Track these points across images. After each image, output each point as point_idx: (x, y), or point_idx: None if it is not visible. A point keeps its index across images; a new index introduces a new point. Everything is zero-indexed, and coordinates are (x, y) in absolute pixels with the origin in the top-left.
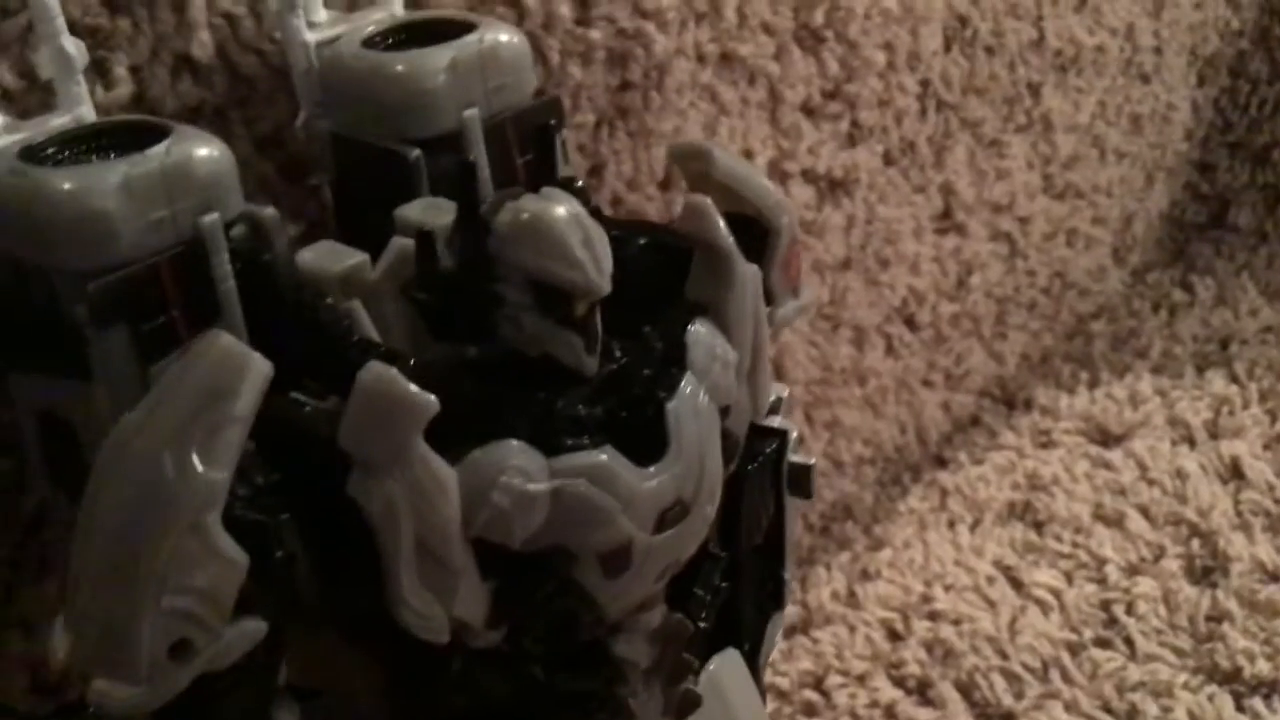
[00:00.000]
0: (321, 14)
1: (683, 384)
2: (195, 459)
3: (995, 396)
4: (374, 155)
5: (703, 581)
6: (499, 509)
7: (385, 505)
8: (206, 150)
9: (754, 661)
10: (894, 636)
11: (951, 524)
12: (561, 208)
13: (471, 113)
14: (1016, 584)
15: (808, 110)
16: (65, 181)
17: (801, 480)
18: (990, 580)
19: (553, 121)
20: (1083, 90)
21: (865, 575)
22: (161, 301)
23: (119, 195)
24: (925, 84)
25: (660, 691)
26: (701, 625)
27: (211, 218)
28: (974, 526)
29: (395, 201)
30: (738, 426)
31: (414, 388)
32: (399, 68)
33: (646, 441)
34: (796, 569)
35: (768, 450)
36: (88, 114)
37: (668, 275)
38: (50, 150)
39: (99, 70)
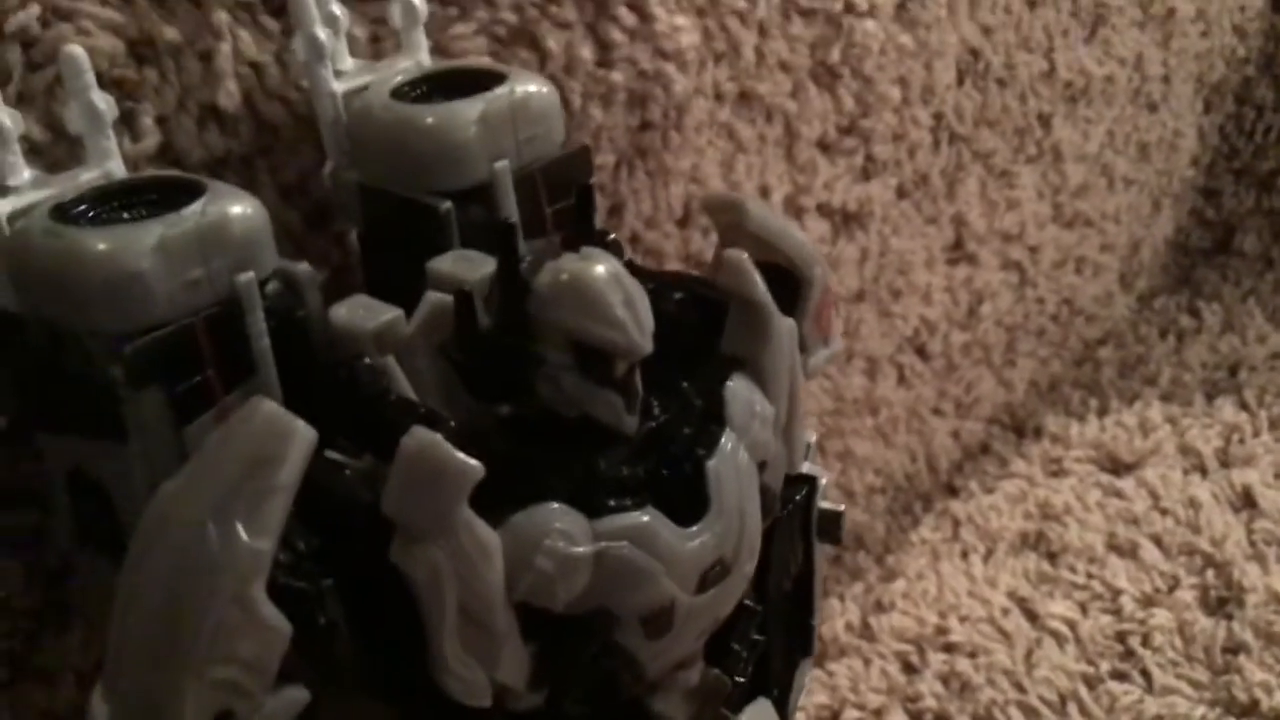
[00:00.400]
0: (348, 62)
1: (722, 441)
2: (240, 529)
3: (1005, 424)
4: (403, 207)
5: (739, 636)
6: (543, 573)
7: (429, 573)
8: (241, 208)
9: (783, 709)
10: (909, 669)
11: (964, 554)
12: (602, 267)
13: (502, 165)
14: (1031, 615)
15: (823, 146)
16: (100, 243)
17: (831, 527)
18: (1005, 612)
19: (585, 173)
20: (1092, 120)
21: (879, 607)
22: (196, 361)
23: (154, 256)
24: (938, 117)
25: None
26: (738, 681)
27: (247, 276)
28: (987, 557)
29: (425, 253)
30: (774, 481)
31: (459, 454)
32: (429, 120)
33: (687, 500)
34: None
35: (797, 497)
36: (117, 168)
37: (703, 329)
38: (83, 208)
39: (126, 121)
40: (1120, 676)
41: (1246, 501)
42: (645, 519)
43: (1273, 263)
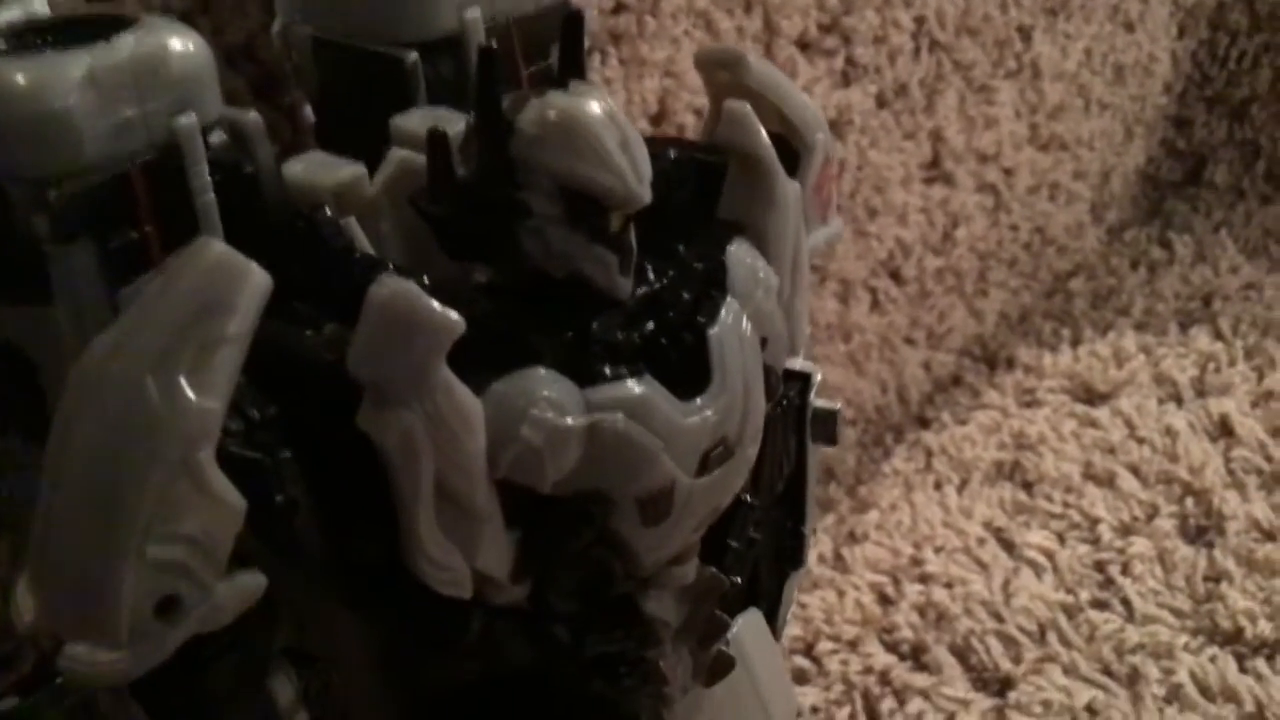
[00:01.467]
0: None
1: (724, 309)
2: (184, 384)
3: (975, 356)
4: (364, 61)
5: (736, 533)
6: (529, 445)
7: (402, 438)
8: (181, 42)
9: (772, 623)
10: (884, 600)
11: (938, 485)
12: (595, 104)
13: (474, 13)
14: (1008, 545)
15: (803, 44)
16: (19, 74)
17: (826, 427)
18: (981, 542)
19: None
20: (1071, 36)
21: (852, 538)
22: (132, 215)
23: (82, 91)
24: (920, 21)
25: (689, 654)
26: (735, 581)
27: (188, 119)
28: (961, 487)
29: (388, 112)
30: (776, 360)
31: (436, 304)
32: None
33: (686, 372)
34: None
35: (790, 394)
36: (40, 7)
37: (698, 192)
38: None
39: None
40: (1100, 605)
41: (1224, 430)
42: (643, 389)
43: (1244, 194)
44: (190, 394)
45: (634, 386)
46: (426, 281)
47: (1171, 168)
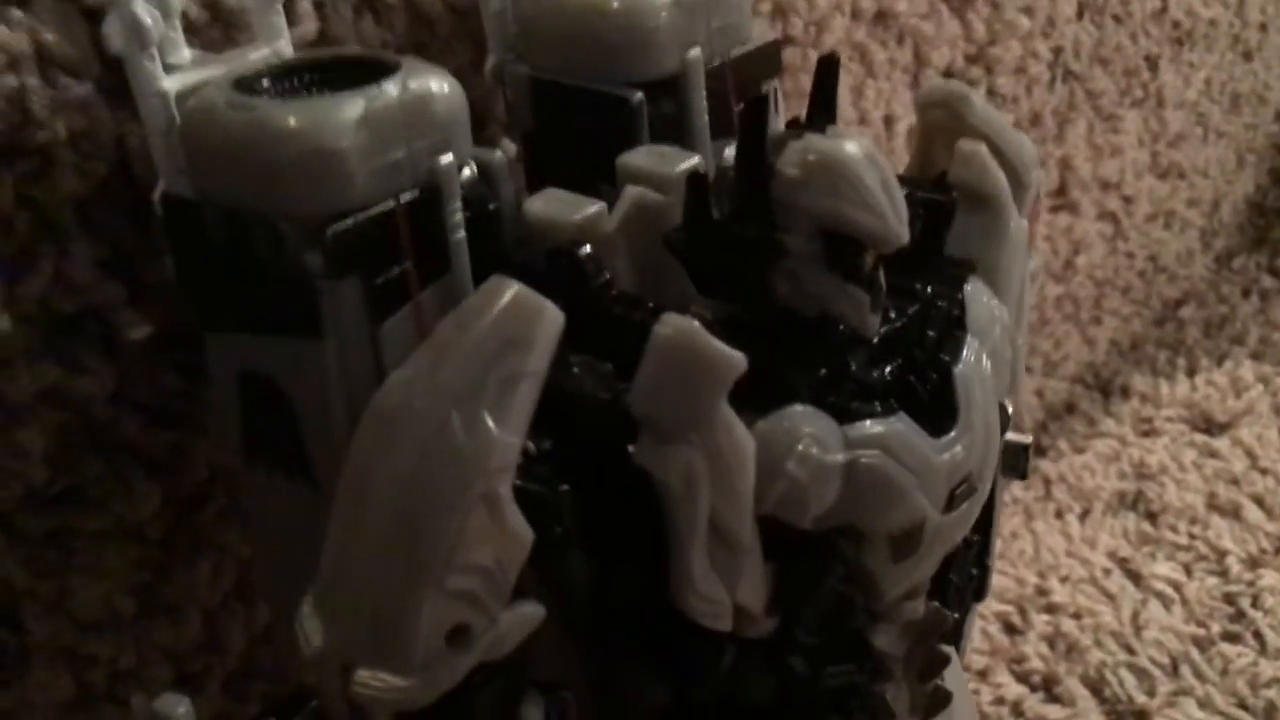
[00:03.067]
0: None
1: (967, 347)
2: (488, 419)
3: (1089, 384)
4: (587, 100)
5: (958, 568)
6: (796, 482)
7: (685, 474)
8: (440, 85)
9: (957, 653)
10: (1012, 630)
11: (1059, 514)
12: (855, 147)
13: (695, 54)
14: (1134, 576)
15: (949, 74)
16: (296, 116)
17: (1018, 460)
18: (1107, 572)
19: (774, 71)
20: (1194, 65)
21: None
22: (396, 251)
23: (358, 132)
24: (1057, 52)
25: (908, 687)
26: (955, 616)
27: (448, 159)
28: (1083, 516)
29: (609, 149)
30: (1004, 396)
31: (720, 344)
32: (616, 4)
33: (934, 409)
34: None
35: None
36: (286, 48)
37: (926, 229)
38: (265, 83)
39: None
40: (1232, 638)
41: None
42: (900, 426)
43: None
44: (493, 428)
45: (890, 424)
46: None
47: (1278, 195)
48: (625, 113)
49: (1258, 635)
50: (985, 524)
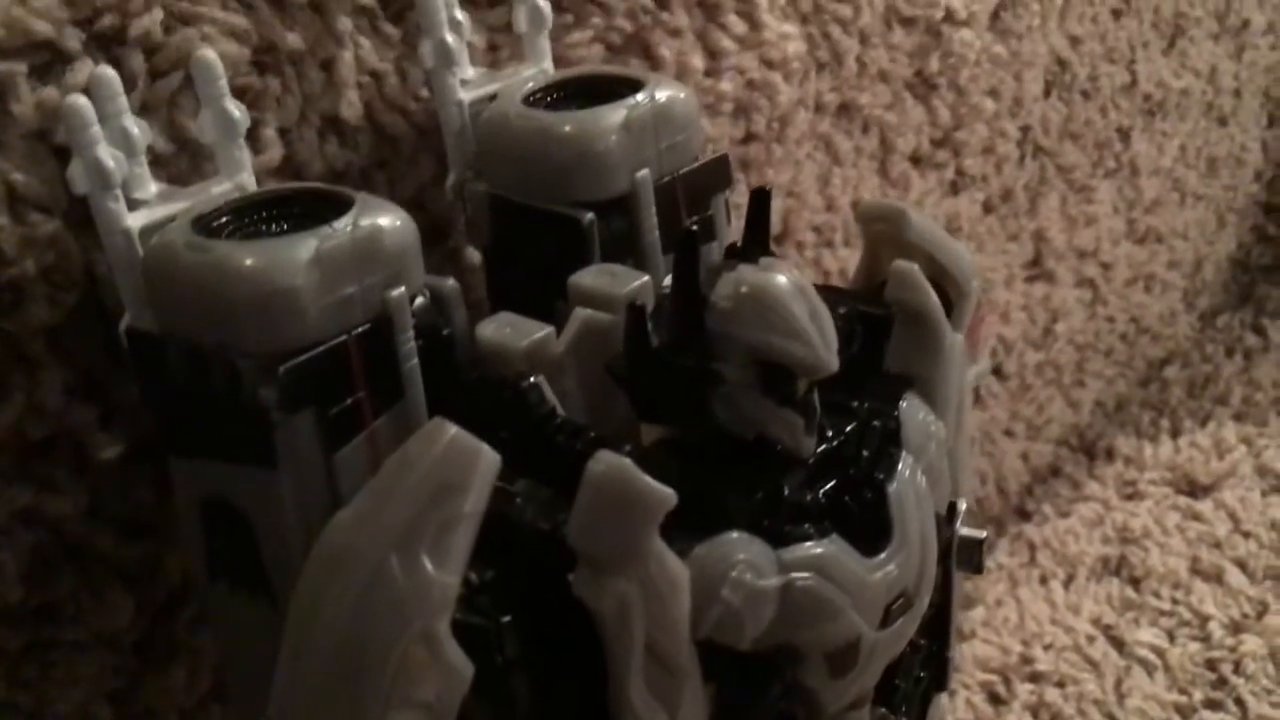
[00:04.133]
0: (471, 71)
1: (901, 465)
2: (426, 561)
3: (1073, 446)
4: (540, 219)
5: (904, 673)
6: (730, 608)
7: (619, 607)
8: (393, 220)
9: None
10: (996, 700)
11: (1044, 580)
12: (784, 278)
13: (644, 174)
14: (1118, 643)
15: (915, 159)
16: (251, 257)
17: (971, 555)
18: (1090, 639)
19: (724, 183)
20: (1167, 134)
21: (960, 636)
22: (348, 383)
23: (310, 271)
24: (1025, 130)
25: None
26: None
27: (399, 292)
28: (1068, 583)
29: (562, 267)
30: (941, 506)
31: (650, 480)
32: (569, 128)
33: (868, 528)
34: None
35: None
36: (249, 181)
37: (866, 345)
38: (224, 220)
39: (247, 133)
40: (1214, 706)
41: None
42: (832, 548)
43: None
44: (431, 569)
45: (824, 546)
46: (629, 450)
47: (1262, 252)
48: (577, 232)
49: (1239, 702)
50: (940, 621)
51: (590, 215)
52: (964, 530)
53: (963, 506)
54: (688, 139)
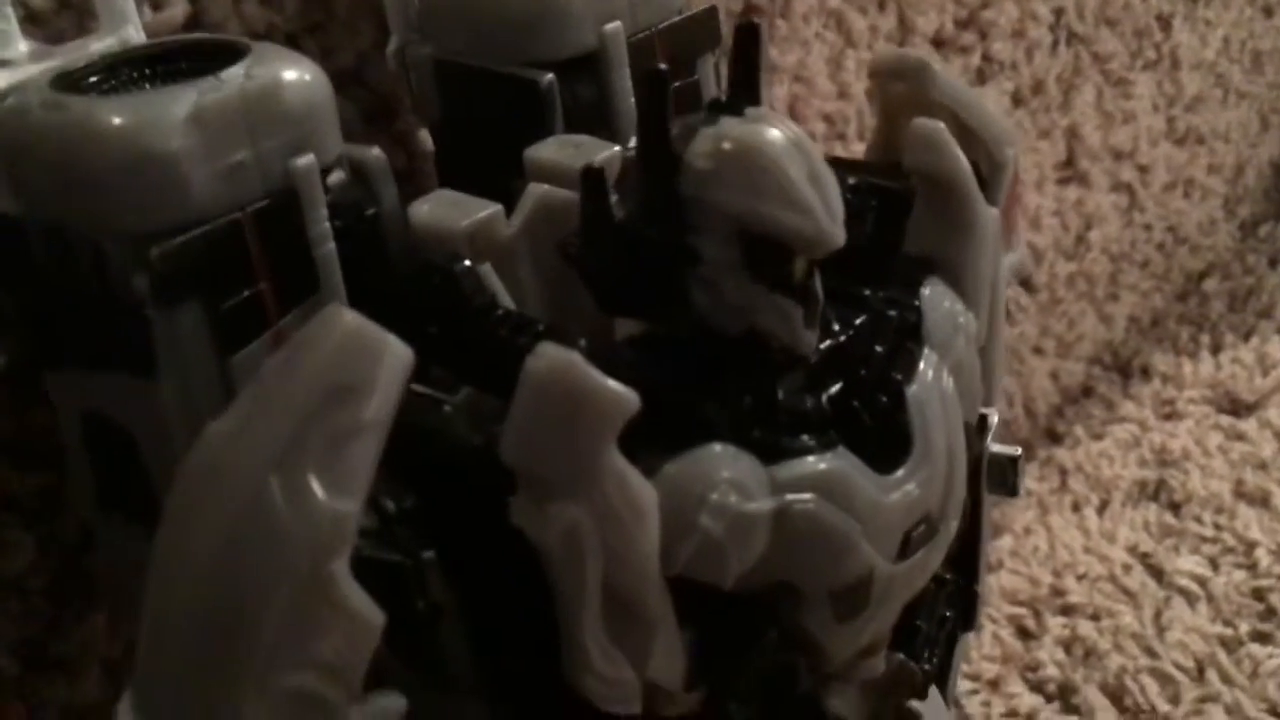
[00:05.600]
0: None
1: (923, 364)
2: (315, 483)
3: (1106, 364)
4: (492, 84)
5: (927, 612)
6: (710, 538)
7: (567, 538)
8: (297, 73)
9: (943, 691)
10: (1025, 635)
11: (1076, 506)
12: (777, 131)
13: (614, 27)
14: (1156, 572)
15: (938, 42)
16: (117, 115)
17: (1006, 474)
18: (1127, 569)
19: (712, 41)
20: (1210, 23)
21: (987, 567)
22: (245, 270)
23: (188, 131)
24: (1059, 13)
25: None
26: (925, 668)
27: (307, 160)
28: (1102, 509)
29: (520, 141)
30: (971, 414)
31: (605, 379)
32: None
33: (883, 439)
34: None
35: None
36: (135, 35)
37: (881, 224)
38: (93, 78)
39: None
40: (1262, 638)
41: None
42: (837, 463)
43: None
44: (321, 495)
45: (827, 461)
46: (583, 345)
47: None
48: (534, 98)
49: None
50: (968, 552)
51: (549, 76)
52: (995, 446)
53: (994, 419)
54: None
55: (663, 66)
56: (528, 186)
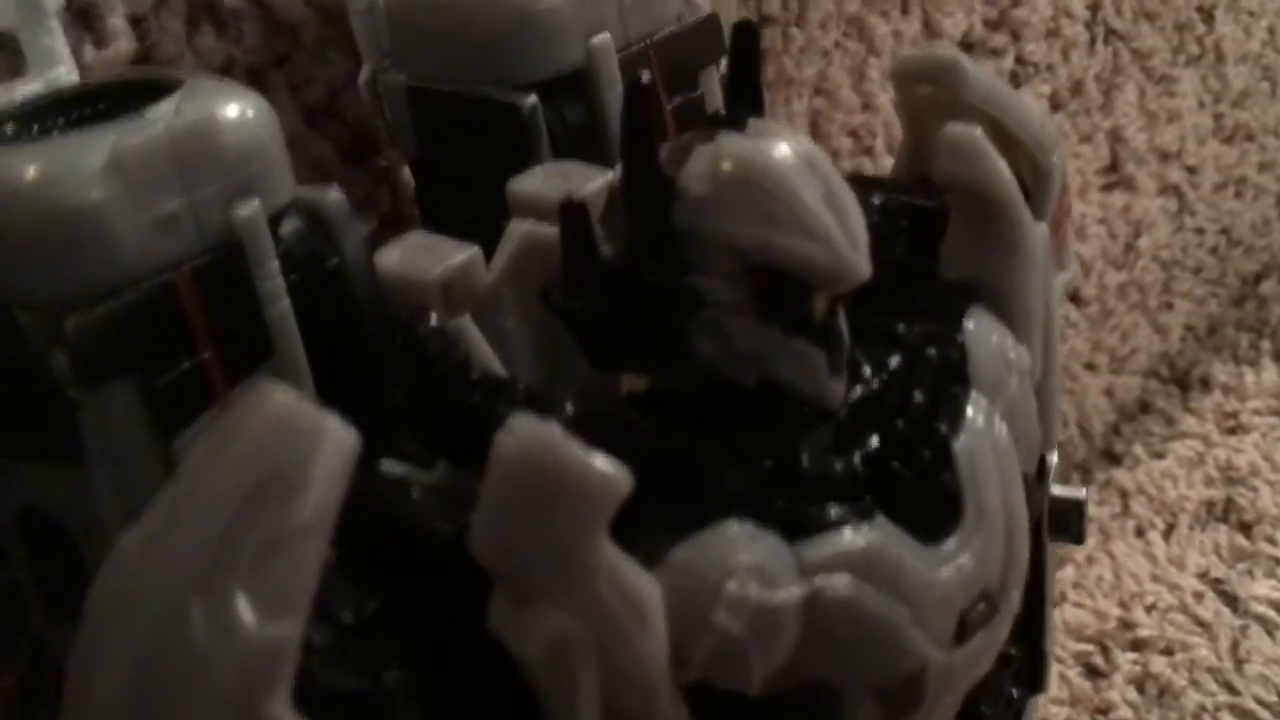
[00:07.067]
0: None
1: (971, 410)
2: (243, 604)
3: (1164, 377)
4: (470, 111)
5: (991, 694)
6: (729, 636)
7: (553, 647)
8: (237, 108)
9: None
10: (1094, 674)
11: (1140, 531)
12: (785, 146)
13: (603, 40)
14: (1230, 600)
15: (967, 45)
16: (28, 165)
17: (1070, 521)
18: (1199, 597)
19: (716, 52)
20: (1255, 14)
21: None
22: (183, 338)
23: (107, 181)
24: (1095, 9)
25: None
26: None
27: (250, 207)
28: (1168, 533)
29: (505, 172)
30: (1027, 464)
31: (591, 456)
32: None
33: (928, 504)
34: None
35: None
36: (68, 75)
37: (914, 247)
38: (8, 126)
39: (86, 22)
40: None
41: None
42: (877, 536)
43: None
44: (250, 618)
45: (863, 534)
46: (570, 410)
47: None
48: (516, 123)
49: None
50: (1033, 606)
51: (532, 99)
52: (1057, 489)
53: (1054, 460)
54: None
55: (646, 76)
56: (510, 225)
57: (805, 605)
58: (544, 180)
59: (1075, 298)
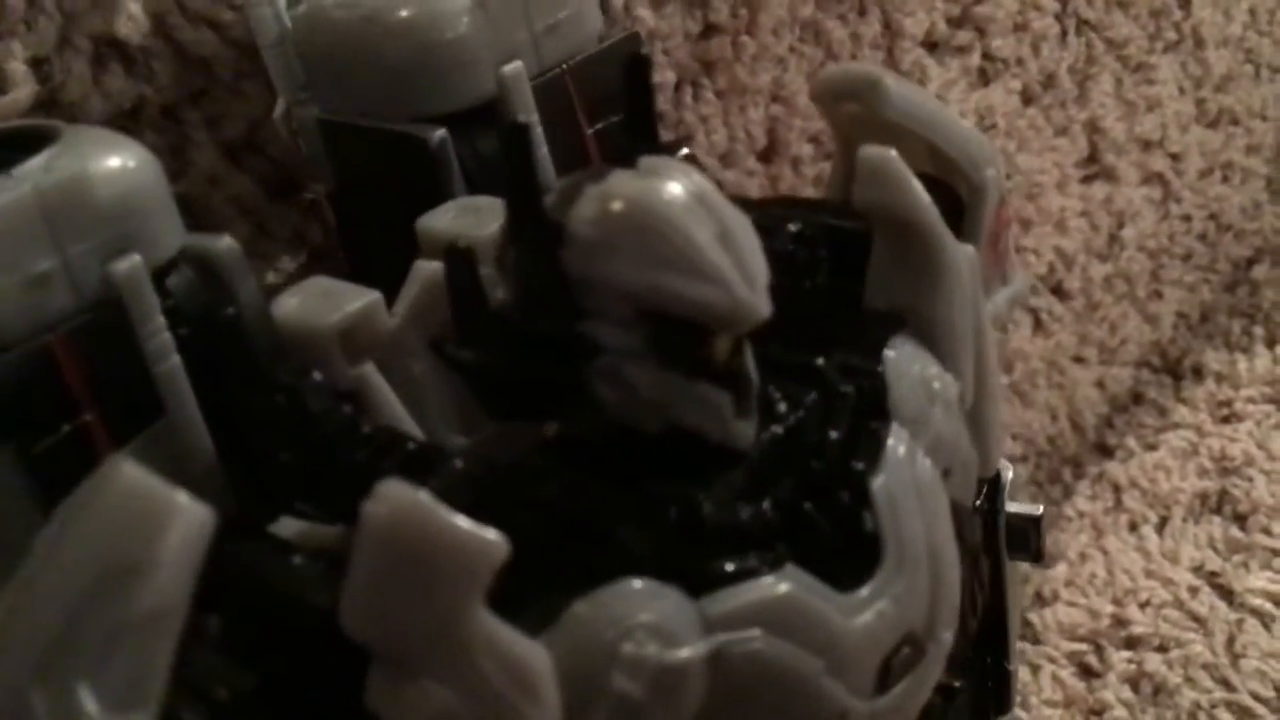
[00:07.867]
0: None
1: (890, 444)
2: (86, 696)
3: (1155, 367)
4: (382, 145)
5: None
6: (628, 700)
7: None
8: (114, 159)
9: None
10: (1088, 673)
11: (1133, 526)
12: (677, 185)
13: (514, 68)
14: (1226, 593)
15: (931, 44)
16: None
17: (1027, 537)
18: (1194, 591)
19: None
20: None
21: (1039, 600)
22: (62, 401)
23: None
24: (1064, 0)
25: None
26: None
27: (129, 263)
28: (1161, 526)
29: (418, 206)
30: (964, 493)
31: (462, 523)
32: (402, 12)
33: (845, 548)
34: None
35: (977, 500)
36: None
37: (836, 276)
38: None
39: None
40: None
41: None
42: (787, 586)
43: None
44: (95, 711)
45: (772, 585)
46: (459, 467)
47: None
48: (425, 156)
49: None
50: (996, 625)
51: (440, 132)
52: (1014, 506)
53: (1009, 475)
54: (577, 14)
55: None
56: (415, 264)
57: (710, 662)
58: (455, 217)
59: (1058, 291)
